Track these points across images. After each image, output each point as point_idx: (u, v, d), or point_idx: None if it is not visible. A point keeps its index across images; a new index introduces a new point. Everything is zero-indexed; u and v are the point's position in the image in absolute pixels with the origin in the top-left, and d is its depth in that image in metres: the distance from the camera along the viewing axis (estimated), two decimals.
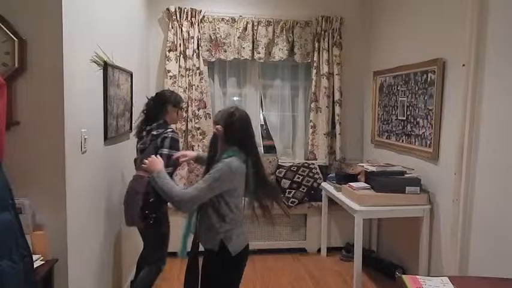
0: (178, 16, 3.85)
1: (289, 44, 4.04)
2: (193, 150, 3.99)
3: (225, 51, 3.97)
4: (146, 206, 2.44)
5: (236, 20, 3.96)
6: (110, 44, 2.46)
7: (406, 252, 3.31)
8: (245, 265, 2.02)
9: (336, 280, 3.38)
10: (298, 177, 3.96)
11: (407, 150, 3.26)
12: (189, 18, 3.86)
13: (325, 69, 4.05)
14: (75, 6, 1.90)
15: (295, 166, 4.04)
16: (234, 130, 1.94)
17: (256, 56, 4.00)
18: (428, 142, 2.95)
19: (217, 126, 1.98)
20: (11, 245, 1.32)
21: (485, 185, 2.39)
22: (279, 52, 4.03)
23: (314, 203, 3.88)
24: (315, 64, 4.07)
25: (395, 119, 3.48)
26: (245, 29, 3.96)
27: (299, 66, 4.26)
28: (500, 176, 2.25)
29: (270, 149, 4.37)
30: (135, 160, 2.69)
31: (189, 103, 3.95)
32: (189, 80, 3.93)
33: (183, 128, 3.97)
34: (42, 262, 1.74)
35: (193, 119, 3.97)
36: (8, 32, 1.72)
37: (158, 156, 2.09)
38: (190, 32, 3.88)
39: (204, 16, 3.92)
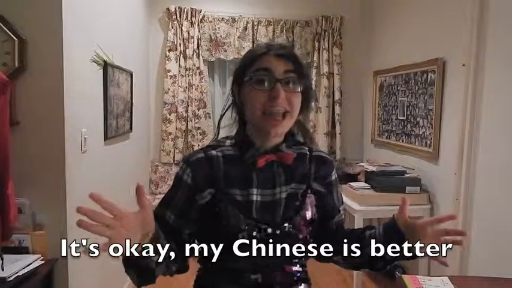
0: (178, 16, 3.85)
1: (289, 43, 4.04)
2: (193, 149, 3.98)
3: (225, 51, 3.97)
4: None
5: (236, 19, 3.96)
6: (110, 44, 2.46)
7: None
8: None
9: (336, 280, 3.38)
10: None
11: (408, 150, 3.26)
12: (189, 18, 3.86)
13: (325, 69, 4.05)
14: (75, 6, 1.90)
15: None
16: None
17: None
18: (428, 142, 2.95)
19: None
20: None
21: (485, 185, 2.39)
22: None
23: None
24: (315, 64, 4.07)
25: (396, 119, 3.48)
26: (245, 28, 3.96)
27: None
28: (500, 176, 2.25)
29: None
30: None
31: (189, 103, 3.95)
32: (189, 80, 3.93)
33: (183, 127, 3.97)
34: (42, 262, 1.74)
35: (193, 119, 3.97)
36: (8, 31, 1.72)
37: None
38: (190, 32, 3.88)
39: (204, 16, 3.92)
